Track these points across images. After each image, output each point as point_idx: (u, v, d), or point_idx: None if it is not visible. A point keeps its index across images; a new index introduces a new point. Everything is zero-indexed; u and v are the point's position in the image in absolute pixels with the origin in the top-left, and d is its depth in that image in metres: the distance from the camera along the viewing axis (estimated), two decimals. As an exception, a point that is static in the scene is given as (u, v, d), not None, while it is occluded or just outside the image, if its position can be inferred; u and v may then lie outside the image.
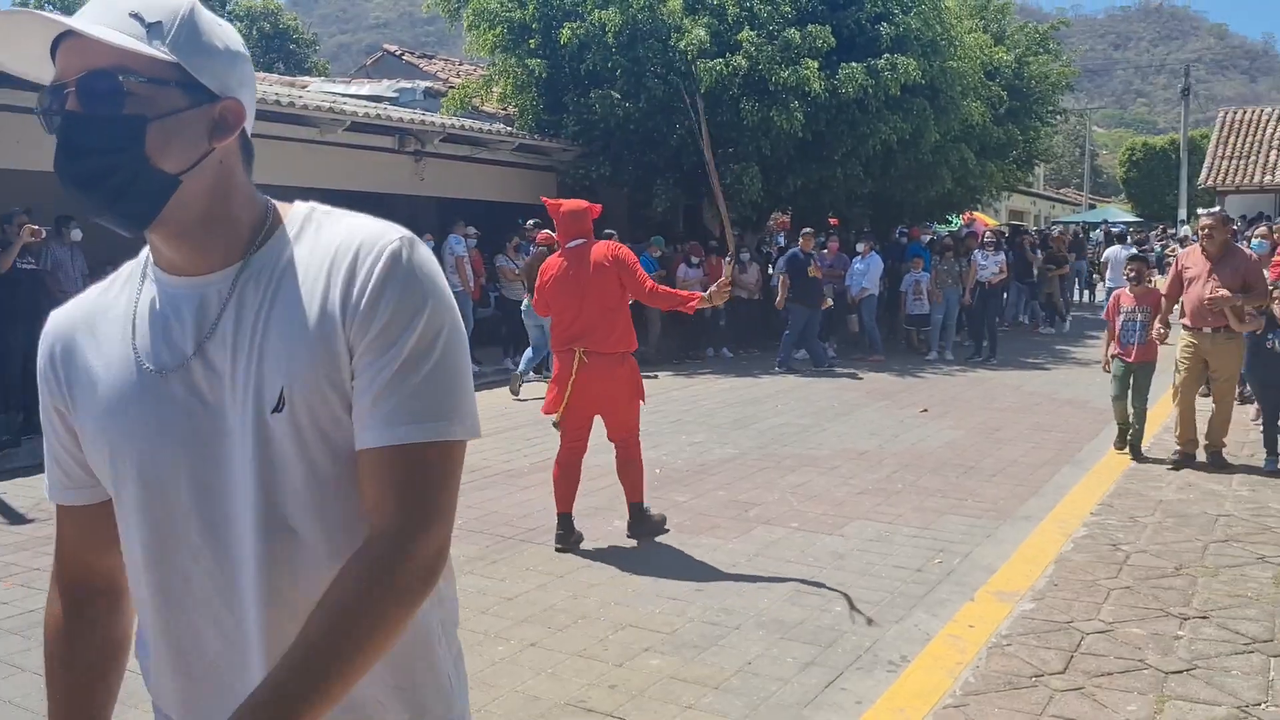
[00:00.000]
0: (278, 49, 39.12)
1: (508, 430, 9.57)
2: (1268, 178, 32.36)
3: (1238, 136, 34.59)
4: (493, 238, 14.26)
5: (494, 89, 16.82)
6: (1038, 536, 5.93)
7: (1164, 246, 25.80)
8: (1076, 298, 24.27)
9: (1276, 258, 9.57)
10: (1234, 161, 33.55)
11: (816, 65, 14.20)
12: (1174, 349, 7.83)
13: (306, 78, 22.71)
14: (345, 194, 13.87)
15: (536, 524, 6.37)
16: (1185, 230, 27.65)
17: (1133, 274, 7.96)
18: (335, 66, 49.68)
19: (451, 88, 17.67)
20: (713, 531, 6.19)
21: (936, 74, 15.55)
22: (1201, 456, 7.57)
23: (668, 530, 6.20)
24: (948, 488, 7.20)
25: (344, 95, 16.07)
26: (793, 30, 14.47)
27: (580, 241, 5.98)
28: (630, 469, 6.11)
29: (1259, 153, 33.37)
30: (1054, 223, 39.47)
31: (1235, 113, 36.85)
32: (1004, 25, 21.70)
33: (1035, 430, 9.27)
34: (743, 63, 14.28)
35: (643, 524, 6.12)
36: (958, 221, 24.98)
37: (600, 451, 8.47)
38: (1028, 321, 19.27)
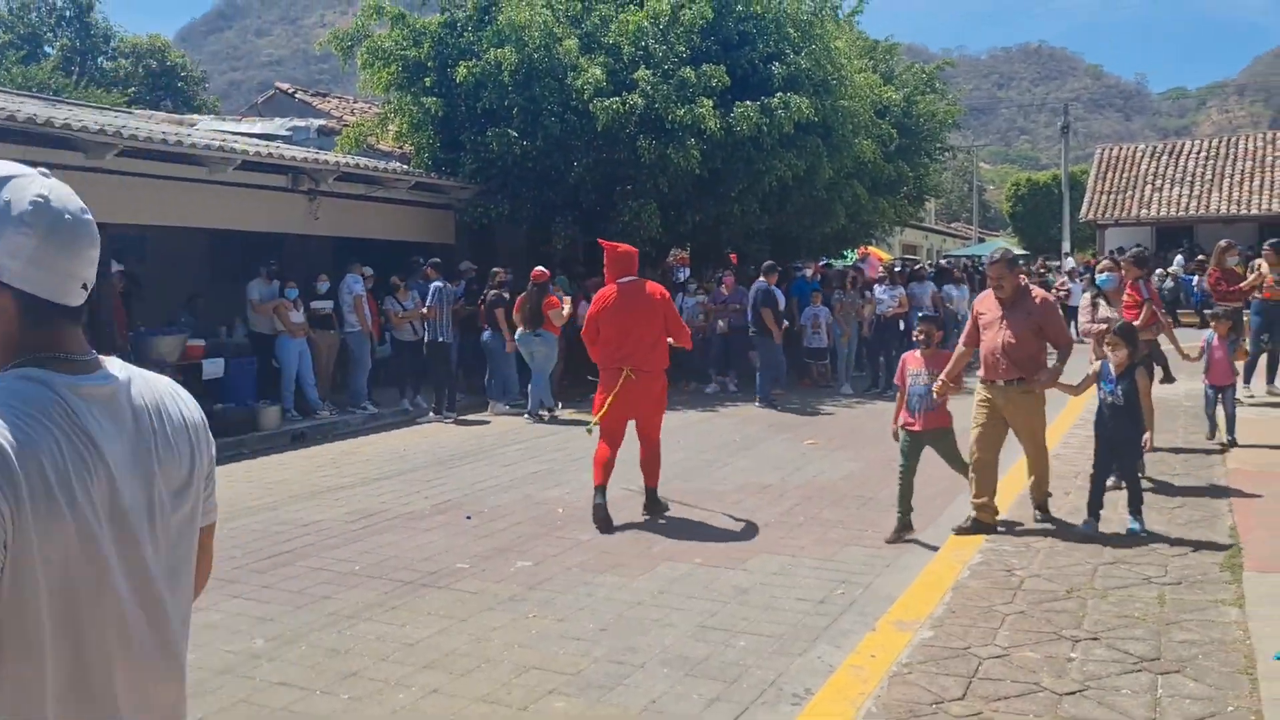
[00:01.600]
0: (165, 86, 38.36)
1: (407, 472, 9.41)
2: (1144, 211, 33.89)
3: (1115, 172, 36.18)
4: (390, 277, 14.08)
5: (389, 127, 16.71)
6: (936, 565, 6.02)
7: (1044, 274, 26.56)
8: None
9: (1127, 297, 8.63)
10: (1112, 196, 35.06)
11: (711, 104, 14.42)
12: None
13: (195, 115, 22.23)
14: (237, 234, 13.59)
15: (438, 567, 6.25)
16: (1070, 263, 28.65)
17: (921, 336, 6.90)
18: (226, 105, 48.89)
19: (346, 126, 17.49)
20: (617, 569, 6.15)
21: (828, 112, 15.90)
22: (1020, 515, 6.91)
23: (669, 509, 7.57)
24: (848, 519, 7.29)
25: (234, 133, 15.76)
26: (688, 69, 14.68)
27: (631, 279, 7.35)
28: (652, 461, 7.53)
29: (1135, 187, 34.94)
30: (945, 255, 40.61)
31: (1112, 149, 38.59)
32: (892, 65, 22.36)
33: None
34: (639, 101, 14.43)
35: (656, 505, 7.53)
36: (853, 256, 25.51)
37: (497, 492, 8.40)
38: None
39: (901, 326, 14.94)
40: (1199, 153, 35.91)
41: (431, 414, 12.94)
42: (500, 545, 6.73)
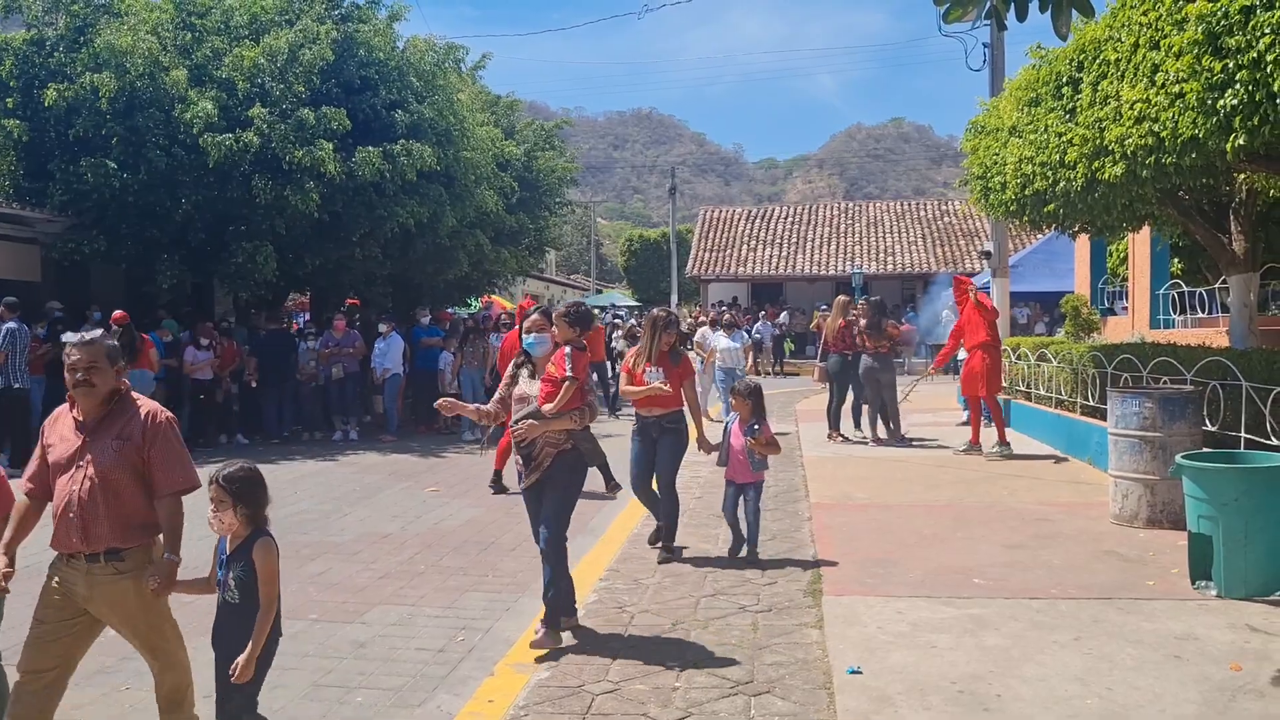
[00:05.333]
0: None
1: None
2: (742, 268, 37.08)
3: (716, 232, 39.37)
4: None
5: (-39, 149, 14.95)
6: (553, 606, 6.18)
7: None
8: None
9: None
10: (714, 254, 38.08)
11: (332, 147, 14.15)
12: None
13: None
14: None
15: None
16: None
17: None
18: None
19: (-95, 145, 15.43)
20: (224, 631, 5.80)
21: (451, 162, 16.09)
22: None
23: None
24: (469, 565, 7.33)
25: None
26: (307, 110, 14.31)
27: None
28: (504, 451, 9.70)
29: (734, 246, 38.18)
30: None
31: (714, 211, 41.97)
32: (514, 121, 23.03)
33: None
34: (254, 140, 13.87)
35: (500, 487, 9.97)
36: (477, 304, 25.83)
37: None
38: None
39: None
40: (787, 218, 39.95)
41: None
42: (90, 613, 6.15)
